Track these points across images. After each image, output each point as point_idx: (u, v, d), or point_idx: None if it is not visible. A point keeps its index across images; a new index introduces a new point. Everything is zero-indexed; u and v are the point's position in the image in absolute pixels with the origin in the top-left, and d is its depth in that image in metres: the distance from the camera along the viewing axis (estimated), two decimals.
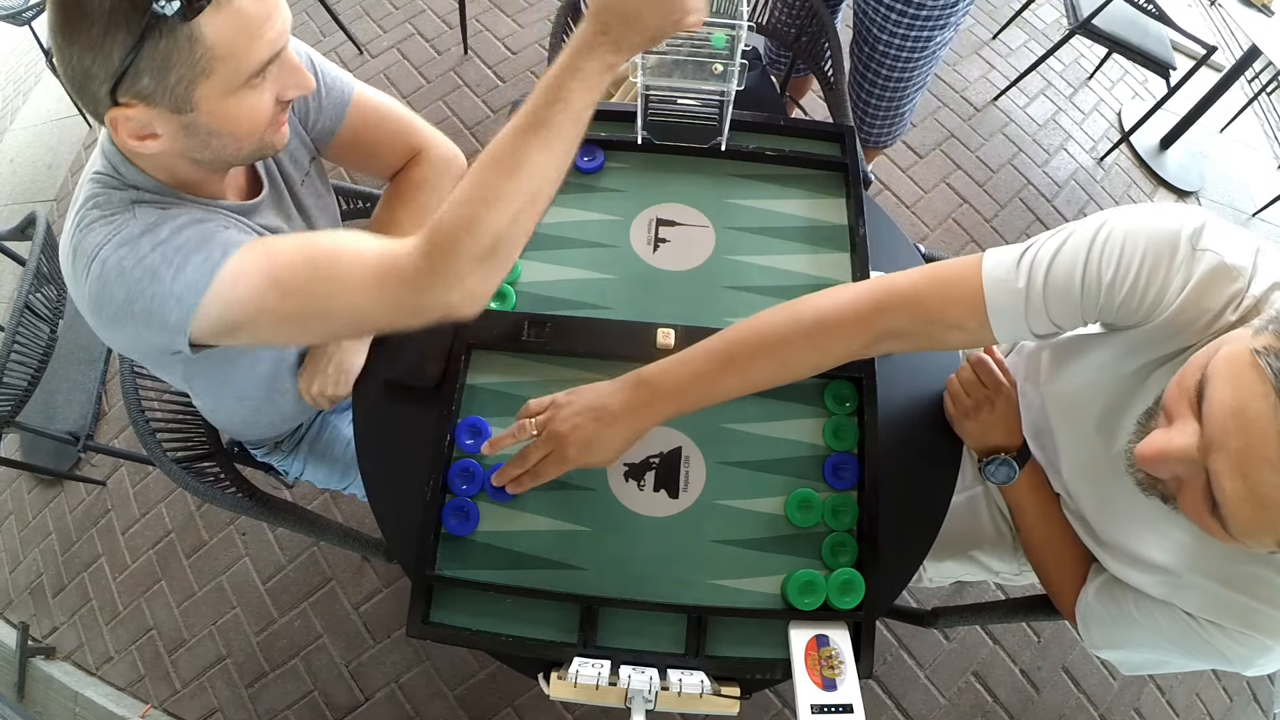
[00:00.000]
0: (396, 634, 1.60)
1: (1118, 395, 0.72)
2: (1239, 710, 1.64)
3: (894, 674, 1.58)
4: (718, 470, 0.87)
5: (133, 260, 0.66)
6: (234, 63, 0.63)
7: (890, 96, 1.58)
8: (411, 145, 0.98)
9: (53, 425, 1.60)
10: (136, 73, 0.59)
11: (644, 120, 1.01)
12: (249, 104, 0.66)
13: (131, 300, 0.66)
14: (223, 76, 0.63)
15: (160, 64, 0.59)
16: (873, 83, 1.55)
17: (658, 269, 0.99)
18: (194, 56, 0.60)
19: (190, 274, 0.66)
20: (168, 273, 0.65)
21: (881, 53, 1.47)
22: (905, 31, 1.42)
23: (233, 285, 0.66)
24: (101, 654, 1.67)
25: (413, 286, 0.66)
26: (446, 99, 2.30)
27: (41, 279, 1.35)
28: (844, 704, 0.70)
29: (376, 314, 0.69)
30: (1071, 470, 0.84)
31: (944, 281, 0.73)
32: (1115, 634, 0.81)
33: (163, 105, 0.62)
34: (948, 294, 0.72)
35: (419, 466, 0.84)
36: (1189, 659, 0.76)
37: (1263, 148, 2.68)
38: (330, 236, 0.70)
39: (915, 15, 1.39)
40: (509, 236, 0.67)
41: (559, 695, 0.71)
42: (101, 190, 0.70)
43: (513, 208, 0.66)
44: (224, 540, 1.73)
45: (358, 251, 0.68)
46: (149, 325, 0.67)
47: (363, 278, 0.67)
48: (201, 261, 0.66)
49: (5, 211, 2.36)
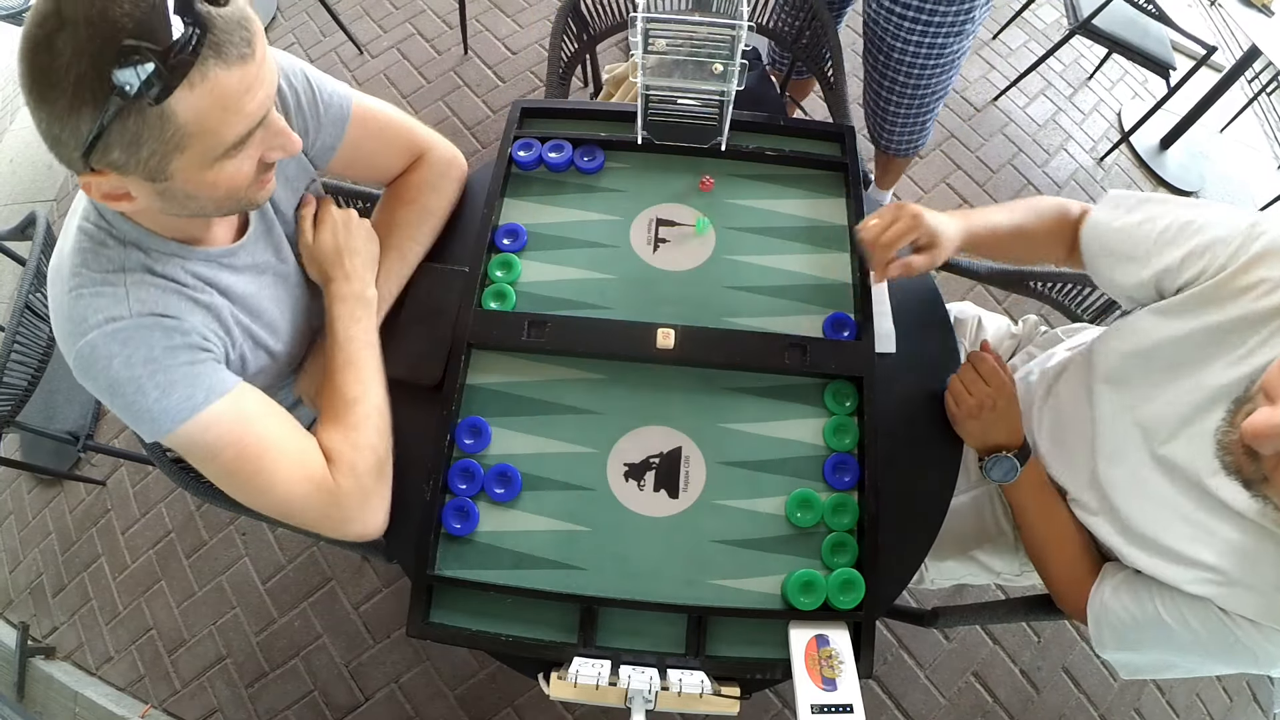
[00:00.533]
0: (396, 634, 1.60)
1: (1195, 388, 0.74)
2: (1239, 710, 1.64)
3: (894, 674, 1.58)
4: (718, 470, 0.87)
5: (121, 364, 0.68)
6: (210, 138, 0.60)
7: (909, 105, 1.56)
8: (412, 150, 0.98)
9: (53, 425, 1.60)
10: (106, 146, 0.57)
11: (644, 120, 1.01)
12: (228, 172, 0.64)
13: (112, 394, 0.69)
14: (198, 151, 0.60)
15: (130, 140, 0.57)
16: (890, 90, 1.54)
17: (658, 269, 0.99)
18: (165, 134, 0.57)
19: (172, 404, 0.69)
20: (153, 393, 0.69)
21: (897, 60, 1.46)
22: (919, 39, 1.40)
23: (204, 430, 0.71)
24: (101, 654, 1.67)
25: (344, 519, 0.78)
26: (446, 99, 2.30)
27: (41, 279, 1.35)
28: (844, 704, 0.70)
29: (306, 524, 0.79)
30: (1110, 468, 0.83)
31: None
32: (1132, 633, 0.80)
33: (136, 175, 0.60)
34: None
35: (419, 466, 0.84)
36: (1207, 660, 0.76)
37: (1263, 148, 2.68)
38: (294, 445, 0.77)
39: (928, 24, 1.37)
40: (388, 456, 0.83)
41: (559, 695, 0.71)
42: (90, 245, 0.69)
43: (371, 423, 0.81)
44: (224, 540, 1.73)
45: (307, 474, 0.76)
46: (123, 414, 0.71)
47: (308, 499, 0.76)
48: (185, 398, 0.70)
49: (5, 211, 2.36)
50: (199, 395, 0.71)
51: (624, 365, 0.92)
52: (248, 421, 0.74)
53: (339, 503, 0.77)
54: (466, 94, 2.30)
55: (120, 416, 0.72)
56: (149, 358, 0.68)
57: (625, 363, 0.92)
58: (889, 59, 1.47)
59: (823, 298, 0.97)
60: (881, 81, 1.54)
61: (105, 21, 0.53)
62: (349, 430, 0.80)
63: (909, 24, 1.38)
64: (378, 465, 0.80)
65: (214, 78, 0.57)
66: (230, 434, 0.72)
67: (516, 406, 0.90)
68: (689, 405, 0.90)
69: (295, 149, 0.69)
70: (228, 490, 0.76)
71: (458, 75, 2.34)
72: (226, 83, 0.58)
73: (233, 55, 0.57)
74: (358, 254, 0.89)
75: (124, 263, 0.70)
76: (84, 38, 0.53)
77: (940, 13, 1.35)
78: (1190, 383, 0.75)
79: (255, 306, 0.82)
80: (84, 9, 0.53)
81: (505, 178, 1.03)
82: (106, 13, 0.53)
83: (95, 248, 0.69)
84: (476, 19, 2.43)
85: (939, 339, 0.99)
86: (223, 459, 0.73)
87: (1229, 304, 0.73)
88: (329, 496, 0.77)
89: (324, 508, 0.77)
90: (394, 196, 0.98)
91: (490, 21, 2.45)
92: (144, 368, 0.68)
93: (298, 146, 0.69)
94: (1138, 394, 0.81)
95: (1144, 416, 0.80)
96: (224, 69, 0.57)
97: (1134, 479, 0.80)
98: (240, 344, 0.80)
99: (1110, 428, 0.84)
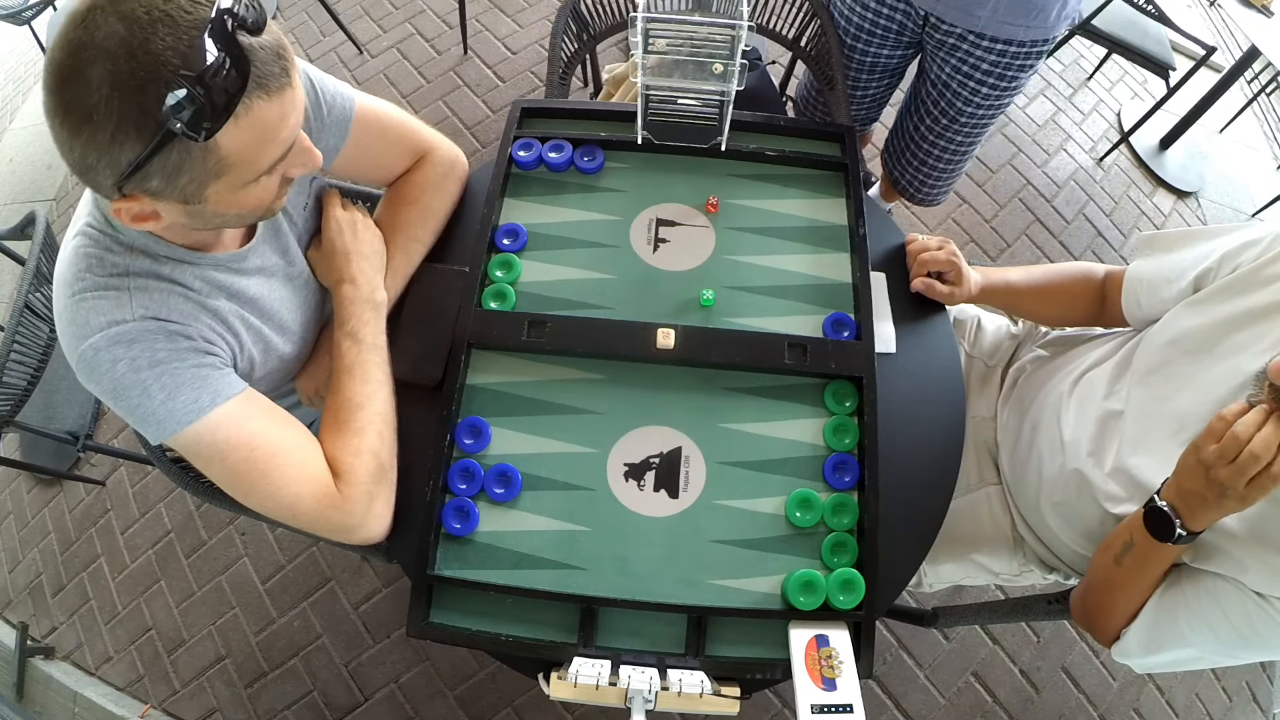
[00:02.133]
0: (396, 634, 1.60)
1: (1231, 373, 0.76)
2: (1239, 710, 1.64)
3: (894, 674, 1.58)
4: (718, 470, 0.87)
5: (126, 366, 0.67)
6: (248, 166, 0.61)
7: (957, 161, 1.50)
8: (415, 150, 0.98)
9: (52, 425, 1.60)
10: (145, 175, 0.57)
11: (644, 120, 1.01)
12: (257, 191, 0.66)
13: (116, 397, 0.69)
14: (235, 177, 0.62)
15: (172, 170, 0.57)
16: (944, 150, 1.46)
17: (658, 269, 0.99)
18: (207, 164, 0.58)
19: (178, 406, 0.69)
20: (158, 395, 0.68)
21: (964, 122, 1.38)
22: (994, 101, 1.32)
23: (210, 433, 0.71)
24: (101, 654, 1.67)
25: (346, 524, 0.78)
26: (446, 99, 2.30)
27: (41, 279, 1.35)
28: (844, 704, 0.70)
29: (305, 528, 0.78)
30: (1140, 456, 0.84)
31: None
32: (1161, 632, 0.80)
33: (170, 199, 0.61)
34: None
35: (419, 466, 0.84)
36: (1242, 649, 0.75)
37: (1262, 148, 2.68)
38: (301, 451, 0.77)
39: (1006, 88, 1.29)
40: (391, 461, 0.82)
41: (559, 695, 0.71)
42: (94, 250, 0.69)
43: (374, 429, 0.81)
44: (223, 540, 1.73)
45: (312, 480, 0.76)
46: (128, 416, 0.71)
47: (311, 507, 0.76)
48: (191, 401, 0.70)
49: (5, 211, 2.36)
50: (205, 398, 0.70)
51: (624, 365, 0.92)
52: (253, 425, 0.74)
53: (342, 508, 0.77)
54: (466, 94, 2.30)
55: (125, 419, 0.71)
56: (154, 360, 0.68)
57: (625, 363, 0.92)
58: (953, 122, 1.39)
59: (823, 298, 0.97)
60: (936, 142, 1.45)
61: (147, 54, 0.51)
62: (351, 436, 0.80)
63: (987, 89, 1.29)
64: (379, 470, 0.80)
65: (257, 110, 0.57)
66: (235, 438, 0.72)
67: (516, 406, 0.90)
68: (689, 405, 0.90)
69: (317, 165, 0.70)
70: (231, 493, 0.76)
71: (458, 75, 2.34)
72: (267, 114, 0.58)
73: (273, 86, 0.58)
74: (366, 257, 0.89)
75: (128, 267, 0.69)
76: (124, 71, 0.51)
77: (1016, 76, 1.28)
78: (1226, 366, 0.77)
79: (265, 309, 0.82)
80: (122, 40, 0.51)
81: (505, 178, 1.03)
82: (148, 45, 0.51)
83: (100, 253, 0.69)
84: (476, 19, 2.42)
85: (939, 339, 0.99)
86: (228, 463, 0.73)
87: (1260, 290, 0.75)
88: (332, 502, 0.77)
89: (327, 513, 0.77)
90: (396, 196, 0.98)
91: (490, 21, 2.45)
92: (149, 370, 0.68)
93: (319, 162, 0.70)
94: (1174, 384, 0.82)
95: (1180, 406, 0.80)
96: (265, 101, 0.57)
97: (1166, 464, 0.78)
98: (249, 347, 0.80)
99: (1140, 418, 0.85)
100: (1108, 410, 0.89)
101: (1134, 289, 0.95)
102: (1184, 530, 0.70)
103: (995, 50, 1.22)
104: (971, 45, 1.24)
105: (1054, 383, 1.01)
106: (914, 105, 1.47)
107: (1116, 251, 2.18)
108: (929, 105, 1.41)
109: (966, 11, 1.18)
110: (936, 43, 1.29)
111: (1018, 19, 1.17)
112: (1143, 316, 0.95)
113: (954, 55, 1.28)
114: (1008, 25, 1.18)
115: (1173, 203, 2.36)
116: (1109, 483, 0.86)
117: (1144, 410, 0.85)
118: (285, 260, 0.87)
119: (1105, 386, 0.92)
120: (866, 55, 1.37)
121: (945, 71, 1.32)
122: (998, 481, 1.08)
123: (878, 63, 1.38)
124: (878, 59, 1.37)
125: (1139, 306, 0.94)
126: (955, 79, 1.31)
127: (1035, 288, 1.04)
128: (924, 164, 1.53)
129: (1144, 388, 0.86)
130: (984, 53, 1.23)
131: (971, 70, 1.28)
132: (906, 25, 1.29)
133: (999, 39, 1.20)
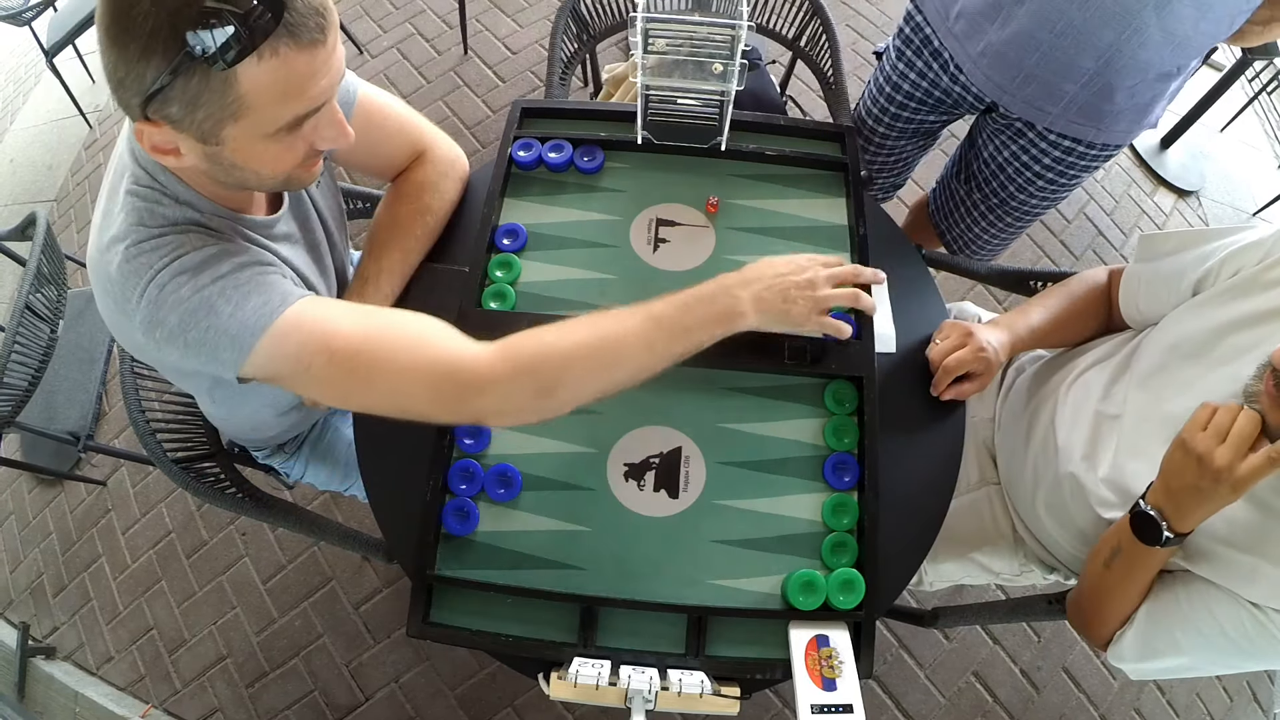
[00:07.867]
0: (396, 634, 1.60)
1: (1230, 379, 0.75)
2: (1239, 710, 1.64)
3: (894, 674, 1.58)
4: (718, 470, 0.87)
5: (190, 289, 0.66)
6: (267, 113, 0.61)
7: (1009, 233, 1.35)
8: (415, 146, 0.98)
9: (53, 425, 1.60)
10: (166, 99, 0.58)
11: (644, 120, 1.01)
12: (276, 149, 0.65)
13: (185, 328, 0.66)
14: (253, 123, 0.61)
15: (190, 99, 0.58)
16: (992, 223, 1.32)
17: (658, 269, 0.99)
18: (225, 99, 0.58)
19: (247, 314, 0.66)
20: (225, 308, 0.66)
21: (1013, 207, 1.26)
22: (1042, 188, 1.20)
23: (285, 337, 0.67)
24: (102, 654, 1.67)
25: (470, 390, 0.70)
26: (446, 99, 2.30)
27: (42, 279, 1.35)
28: (844, 704, 0.70)
29: (420, 406, 0.71)
30: (1134, 462, 0.84)
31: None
32: (1154, 638, 0.80)
33: (189, 133, 0.61)
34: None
35: (419, 466, 0.84)
36: (1237, 658, 0.75)
37: (1263, 147, 2.67)
38: (398, 320, 0.72)
39: (1054, 180, 1.18)
40: (576, 395, 0.73)
41: (559, 695, 0.71)
42: (144, 205, 0.69)
43: (600, 378, 0.72)
44: (224, 540, 1.73)
45: (422, 343, 0.70)
46: (199, 355, 0.67)
47: (420, 370, 0.69)
48: (261, 305, 0.67)
49: (5, 212, 2.36)
50: (275, 299, 0.68)
51: None
52: (335, 311, 0.70)
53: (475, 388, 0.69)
54: (466, 94, 2.30)
55: (197, 361, 0.68)
56: (216, 275, 0.67)
57: None
58: (1003, 204, 1.26)
59: None
60: (987, 215, 1.31)
61: None
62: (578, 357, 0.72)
63: (1044, 182, 1.18)
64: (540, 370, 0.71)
65: (283, 55, 0.58)
66: (323, 330, 0.68)
67: None
68: (689, 405, 0.90)
69: (348, 143, 0.69)
70: (343, 404, 0.71)
71: (458, 75, 2.34)
72: (294, 63, 0.59)
73: (305, 38, 0.58)
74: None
75: (178, 218, 0.69)
76: None
77: (1078, 176, 1.17)
78: (1223, 372, 0.77)
79: (299, 272, 0.83)
80: None
81: (505, 178, 1.03)
82: None
83: (150, 206, 0.69)
84: (476, 19, 2.42)
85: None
86: (314, 368, 0.68)
87: (1261, 295, 0.75)
88: (457, 384, 0.70)
89: (449, 395, 0.70)
90: (396, 195, 0.98)
91: (490, 21, 2.45)
92: (213, 286, 0.66)
93: (351, 139, 0.69)
94: (1171, 388, 0.82)
95: (1175, 410, 0.80)
96: (294, 49, 0.58)
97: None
98: None
99: (1137, 423, 0.84)
100: (1103, 413, 0.89)
101: (1132, 291, 0.95)
102: (1171, 533, 0.72)
103: (1061, 146, 1.11)
104: (1037, 136, 1.12)
105: (1051, 384, 1.01)
106: (962, 173, 1.33)
107: (1117, 251, 2.18)
108: (979, 181, 1.28)
109: (1035, 106, 1.07)
110: (997, 126, 1.17)
111: (1089, 120, 1.07)
112: (1141, 319, 0.95)
113: (1014, 142, 1.16)
114: (1077, 125, 1.08)
115: (1174, 202, 2.35)
116: (1101, 487, 0.87)
117: (1142, 414, 0.85)
118: (306, 229, 0.88)
119: (1102, 389, 0.92)
120: (911, 122, 1.25)
121: (1003, 155, 1.19)
122: (998, 481, 1.08)
123: (921, 128, 1.27)
124: (922, 124, 1.26)
125: (1137, 309, 0.95)
126: (1012, 165, 1.19)
127: (1058, 321, 1.00)
128: (977, 238, 1.39)
129: (1143, 391, 0.86)
130: (1049, 146, 1.12)
131: (1031, 162, 1.16)
132: (965, 100, 1.16)
133: (1066, 135, 1.10)
